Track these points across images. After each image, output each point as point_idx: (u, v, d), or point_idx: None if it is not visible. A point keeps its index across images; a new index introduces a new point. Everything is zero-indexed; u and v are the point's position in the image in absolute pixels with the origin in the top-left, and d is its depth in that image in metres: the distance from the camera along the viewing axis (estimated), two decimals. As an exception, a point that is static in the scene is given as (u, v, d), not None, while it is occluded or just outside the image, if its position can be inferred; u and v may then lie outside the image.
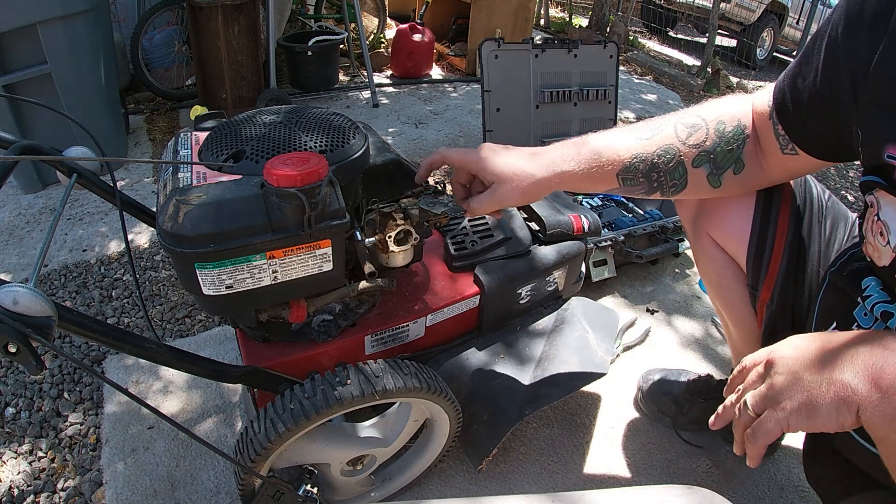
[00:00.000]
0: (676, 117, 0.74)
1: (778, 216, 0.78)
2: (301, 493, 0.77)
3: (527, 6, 3.34)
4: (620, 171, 0.73)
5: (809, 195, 0.81)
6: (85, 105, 1.86)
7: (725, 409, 0.57)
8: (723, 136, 0.72)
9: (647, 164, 0.73)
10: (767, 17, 5.11)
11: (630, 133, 0.75)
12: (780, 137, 0.68)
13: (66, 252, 1.63)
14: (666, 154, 0.73)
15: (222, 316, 1.30)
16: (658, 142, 0.73)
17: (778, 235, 0.78)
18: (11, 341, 0.46)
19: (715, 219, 0.85)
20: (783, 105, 0.66)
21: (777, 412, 0.49)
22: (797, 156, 0.68)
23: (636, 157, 0.73)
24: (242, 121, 0.77)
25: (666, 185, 0.75)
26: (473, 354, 1.00)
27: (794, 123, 0.66)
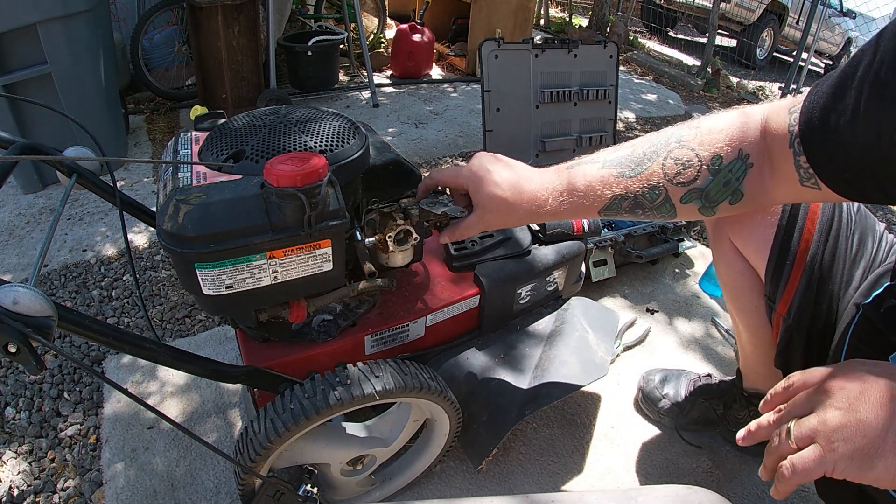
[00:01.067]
0: (667, 149, 0.66)
1: (803, 228, 0.75)
2: (301, 493, 0.77)
3: (527, 6, 3.34)
4: (602, 209, 0.70)
5: (839, 207, 0.77)
6: (85, 105, 1.86)
7: (760, 428, 0.51)
8: (718, 172, 0.64)
9: (631, 202, 0.68)
10: (767, 17, 5.11)
11: (612, 168, 0.68)
12: (802, 171, 0.58)
13: (66, 252, 1.63)
14: (651, 192, 0.67)
15: (222, 316, 1.30)
16: (643, 180, 0.67)
17: (801, 248, 0.75)
18: (11, 341, 0.46)
19: (737, 225, 0.82)
20: (810, 138, 0.56)
21: (826, 453, 0.43)
22: (819, 191, 0.58)
23: (618, 197, 0.68)
24: (242, 121, 0.77)
25: (653, 216, 0.70)
26: (473, 354, 1.00)
27: (822, 161, 0.55)
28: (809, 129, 0.56)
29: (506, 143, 1.79)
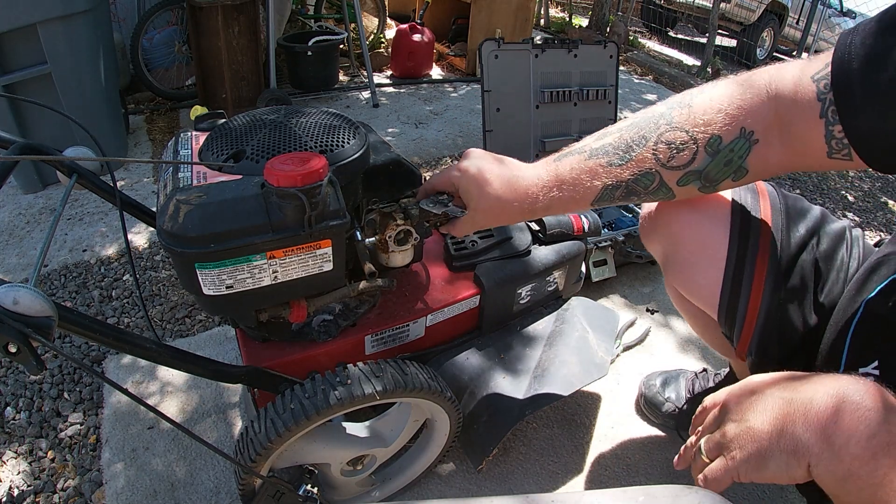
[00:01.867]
0: (656, 132, 0.63)
1: (752, 276, 0.69)
2: (301, 493, 0.77)
3: (527, 6, 3.34)
4: (594, 200, 0.68)
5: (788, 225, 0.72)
6: (85, 105, 1.86)
7: (686, 450, 0.54)
8: (717, 152, 0.60)
9: (623, 190, 0.66)
10: (767, 17, 5.12)
11: (602, 157, 0.65)
12: (835, 142, 0.53)
13: (66, 252, 1.63)
14: (644, 178, 0.64)
15: (222, 316, 1.30)
16: (633, 167, 0.64)
17: (753, 297, 0.69)
18: (12, 341, 0.46)
19: (681, 278, 0.79)
20: (850, 101, 0.50)
21: (728, 461, 0.47)
22: (849, 162, 0.54)
23: (608, 186, 0.66)
24: (242, 121, 0.77)
25: (651, 200, 0.69)
26: (473, 354, 1.00)
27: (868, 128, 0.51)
28: (848, 92, 0.50)
29: (506, 143, 1.79)
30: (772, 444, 0.44)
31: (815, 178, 2.69)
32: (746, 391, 0.49)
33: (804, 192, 2.54)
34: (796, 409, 0.44)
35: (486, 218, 0.73)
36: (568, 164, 0.69)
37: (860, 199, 2.56)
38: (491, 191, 0.71)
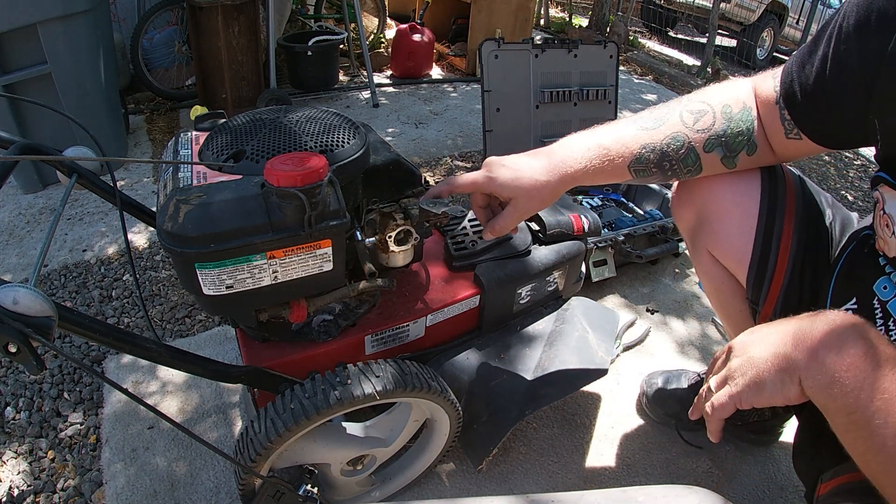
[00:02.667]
0: (681, 105, 0.74)
1: (781, 232, 0.76)
2: (301, 493, 0.77)
3: (527, 6, 3.34)
4: (631, 163, 0.73)
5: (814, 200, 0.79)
6: (85, 105, 1.86)
7: (699, 399, 0.59)
8: (731, 119, 0.72)
9: (657, 153, 0.72)
10: (767, 17, 5.11)
11: (635, 124, 0.74)
12: (786, 122, 0.68)
13: (66, 252, 1.63)
14: (675, 142, 0.72)
15: (222, 316, 1.30)
16: (665, 130, 0.72)
17: (781, 253, 0.76)
18: (12, 341, 0.46)
19: (714, 237, 0.83)
20: (791, 91, 0.66)
21: (731, 387, 0.53)
22: (801, 141, 0.68)
23: (644, 148, 0.72)
24: (242, 121, 0.77)
25: (680, 171, 0.74)
26: (473, 354, 1.00)
27: (800, 111, 0.66)
28: (790, 82, 0.67)
29: (506, 143, 1.79)
30: (768, 367, 0.50)
31: (815, 178, 2.70)
32: (751, 332, 0.56)
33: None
34: (790, 336, 0.51)
35: (529, 203, 0.73)
36: (605, 131, 0.74)
37: (860, 198, 2.56)
38: (527, 173, 0.72)
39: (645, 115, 0.75)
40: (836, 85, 0.60)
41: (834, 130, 0.65)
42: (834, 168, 2.85)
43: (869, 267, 0.64)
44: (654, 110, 0.76)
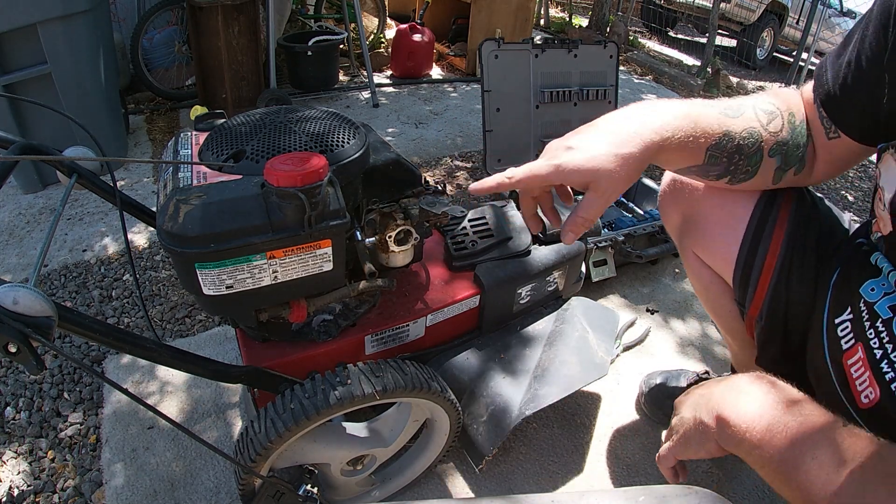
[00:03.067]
0: (752, 101, 0.70)
1: (772, 234, 0.75)
2: (301, 493, 0.77)
3: (527, 6, 3.34)
4: (712, 146, 0.66)
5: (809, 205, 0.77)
6: (85, 105, 1.86)
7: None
8: (794, 128, 0.70)
9: (735, 144, 0.67)
10: (767, 17, 5.11)
11: (715, 108, 0.68)
12: (825, 121, 0.67)
13: (66, 252, 1.63)
14: (750, 137, 0.68)
15: (222, 316, 1.30)
16: (743, 123, 0.68)
17: (769, 256, 0.75)
18: (12, 341, 0.46)
19: (701, 238, 0.83)
20: (825, 88, 0.66)
21: (670, 444, 0.63)
22: (840, 140, 0.67)
23: (726, 135, 0.66)
24: (242, 121, 0.77)
25: (740, 170, 0.70)
26: (473, 354, 1.00)
27: (834, 104, 0.65)
28: (822, 81, 0.67)
29: (506, 143, 1.79)
30: (690, 429, 0.59)
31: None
32: (684, 394, 0.66)
33: (804, 192, 2.54)
34: (704, 400, 0.58)
35: (614, 184, 0.59)
36: (686, 103, 0.66)
37: (860, 199, 2.56)
38: (603, 149, 0.59)
39: (720, 102, 0.70)
40: (868, 74, 0.60)
41: (870, 122, 0.62)
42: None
43: (860, 271, 0.65)
44: (726, 100, 0.70)
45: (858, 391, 0.59)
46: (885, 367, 0.55)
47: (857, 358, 0.59)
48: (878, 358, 0.56)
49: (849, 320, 0.63)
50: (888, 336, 0.56)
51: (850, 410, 0.60)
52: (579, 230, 0.61)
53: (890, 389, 0.54)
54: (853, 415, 0.60)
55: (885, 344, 0.56)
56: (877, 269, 0.63)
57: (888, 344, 0.56)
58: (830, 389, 0.64)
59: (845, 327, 0.63)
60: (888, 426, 0.54)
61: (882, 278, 0.62)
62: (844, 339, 0.62)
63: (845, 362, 0.61)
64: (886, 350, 0.56)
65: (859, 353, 0.59)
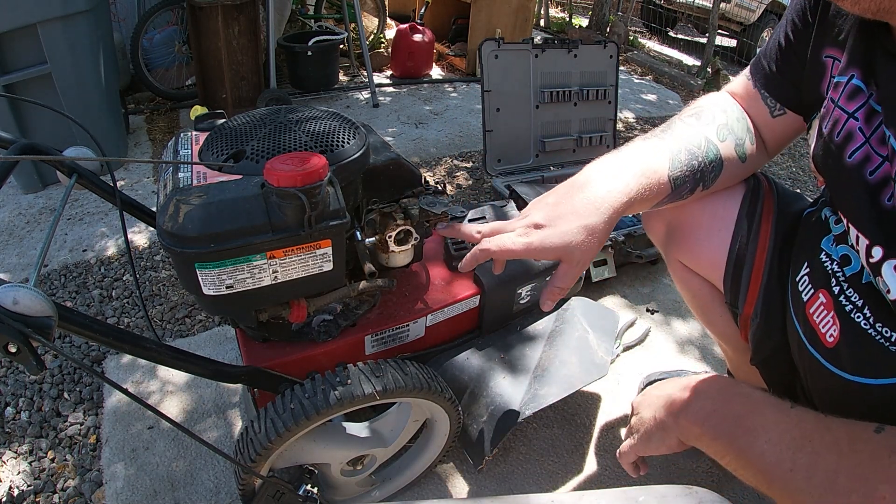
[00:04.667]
0: (675, 117, 0.77)
1: (759, 231, 0.76)
2: (301, 493, 0.77)
3: (527, 6, 3.34)
4: (670, 170, 0.68)
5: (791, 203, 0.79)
6: (85, 105, 1.86)
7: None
8: (725, 110, 0.76)
9: (686, 153, 0.70)
10: (767, 17, 5.10)
11: (648, 141, 0.71)
12: (768, 101, 0.74)
13: (66, 252, 1.63)
14: (693, 140, 0.72)
15: (222, 316, 1.30)
16: (679, 135, 0.72)
17: (759, 252, 0.76)
18: (12, 341, 0.46)
19: (687, 245, 0.83)
20: (761, 70, 0.73)
21: (631, 440, 0.68)
22: (785, 115, 0.73)
23: (672, 150, 0.69)
24: (242, 121, 0.77)
25: (706, 172, 0.72)
26: (473, 354, 1.00)
27: (774, 82, 0.72)
28: (758, 65, 0.74)
29: (506, 143, 1.79)
30: (650, 426, 0.63)
31: (813, 179, 2.69)
32: (641, 395, 0.69)
33: (803, 192, 2.54)
34: (661, 400, 0.62)
35: (586, 255, 0.64)
36: (632, 150, 0.70)
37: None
38: (573, 223, 0.63)
39: (649, 134, 0.74)
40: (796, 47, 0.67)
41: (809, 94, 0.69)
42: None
43: (815, 231, 0.68)
44: (654, 130, 0.74)
45: (823, 332, 0.61)
46: (844, 301, 0.59)
47: (818, 303, 0.63)
48: (837, 294, 0.60)
49: (806, 274, 0.66)
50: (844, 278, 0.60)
51: (818, 356, 0.62)
52: (556, 298, 0.67)
53: (851, 319, 0.58)
54: (820, 360, 0.62)
55: (843, 284, 0.60)
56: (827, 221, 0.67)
57: (844, 283, 0.60)
58: (799, 344, 0.66)
59: (804, 281, 0.66)
60: (854, 357, 0.57)
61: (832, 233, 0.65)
62: (804, 292, 0.66)
63: (808, 311, 0.64)
64: (843, 287, 0.60)
65: (821, 298, 0.62)
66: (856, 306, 0.58)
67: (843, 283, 0.60)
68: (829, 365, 0.61)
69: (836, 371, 0.60)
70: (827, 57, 0.63)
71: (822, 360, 0.62)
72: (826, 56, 0.63)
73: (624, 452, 0.69)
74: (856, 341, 0.57)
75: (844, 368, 0.59)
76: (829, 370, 0.61)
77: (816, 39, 0.65)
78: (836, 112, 0.58)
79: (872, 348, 0.55)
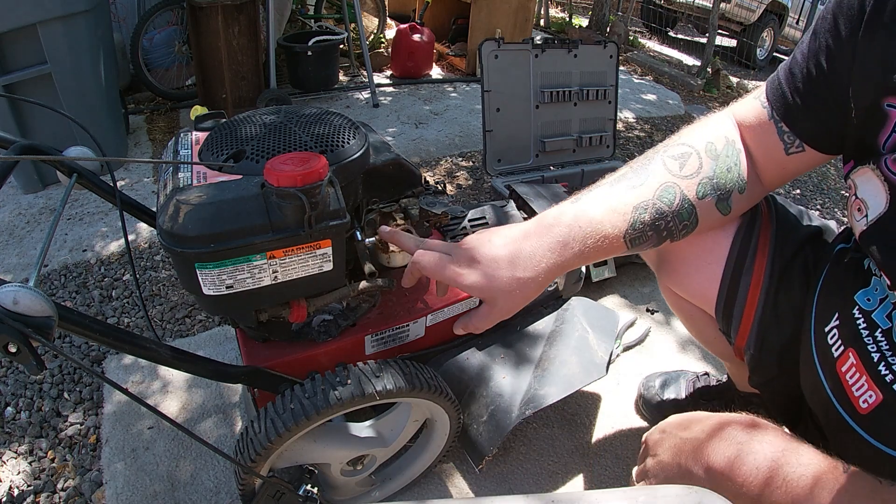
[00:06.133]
0: (660, 153, 0.68)
1: (753, 266, 0.72)
2: (301, 493, 0.77)
3: (527, 6, 3.34)
4: (627, 231, 0.63)
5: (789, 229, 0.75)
6: (85, 105, 1.86)
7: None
8: (717, 156, 0.66)
9: (651, 212, 0.64)
10: (767, 17, 5.11)
11: (619, 185, 0.66)
12: (786, 136, 0.64)
13: (66, 252, 1.63)
14: (666, 194, 0.64)
15: (222, 316, 1.30)
16: (653, 184, 0.65)
17: (752, 286, 0.72)
18: (12, 341, 0.46)
19: (675, 277, 0.81)
20: (783, 100, 0.63)
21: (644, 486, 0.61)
22: (804, 153, 0.64)
23: (637, 209, 0.63)
24: (242, 121, 0.77)
25: (676, 229, 0.67)
26: (473, 354, 1.00)
27: (798, 116, 0.62)
28: (779, 94, 0.63)
29: (506, 143, 1.79)
30: (672, 473, 0.57)
31: (815, 178, 2.70)
32: (659, 431, 0.62)
33: (805, 192, 2.54)
34: (691, 448, 0.56)
35: (510, 304, 0.62)
36: (590, 199, 0.64)
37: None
38: (506, 272, 0.61)
39: (626, 172, 0.67)
40: (827, 80, 0.58)
41: (836, 129, 0.60)
42: (834, 168, 2.85)
43: (848, 280, 0.62)
44: (634, 164, 0.68)
45: (856, 396, 0.57)
46: (884, 370, 0.54)
47: (850, 364, 0.57)
48: (876, 361, 0.55)
49: (836, 326, 0.61)
50: (888, 344, 0.54)
51: (847, 419, 0.58)
52: (468, 331, 0.68)
53: (892, 390, 0.53)
54: (850, 423, 0.58)
55: (884, 349, 0.55)
56: (869, 274, 0.61)
57: (887, 350, 0.54)
58: (824, 399, 0.62)
59: (833, 334, 0.61)
60: (893, 428, 0.53)
61: (873, 286, 0.60)
62: (834, 347, 0.60)
63: (839, 369, 0.59)
64: (884, 354, 0.54)
65: (851, 359, 0.57)
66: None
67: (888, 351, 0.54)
68: (862, 432, 0.57)
69: (869, 439, 0.56)
70: (891, 107, 0.52)
71: (854, 424, 0.58)
72: (890, 105, 0.52)
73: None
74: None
75: (881, 440, 0.54)
76: (860, 435, 0.57)
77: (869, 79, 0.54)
78: None
79: None
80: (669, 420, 0.62)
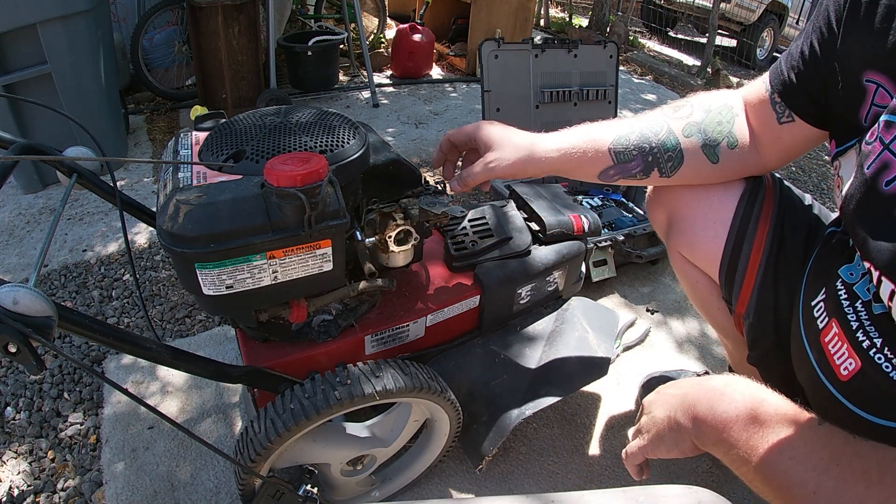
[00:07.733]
0: (661, 107, 0.80)
1: (755, 234, 0.76)
2: (301, 493, 0.77)
3: (527, 6, 3.34)
4: (612, 143, 0.75)
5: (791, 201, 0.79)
6: (85, 105, 1.86)
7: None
8: (710, 110, 0.75)
9: (638, 134, 0.75)
10: (767, 17, 5.10)
11: (612, 120, 0.80)
12: (777, 106, 0.70)
13: (66, 252, 1.63)
14: (654, 125, 0.75)
15: (222, 316, 1.30)
16: (645, 119, 0.77)
17: (753, 253, 0.76)
18: (11, 341, 0.46)
19: (684, 238, 0.84)
20: (780, 77, 0.69)
21: (640, 440, 0.65)
22: (794, 123, 0.70)
23: (626, 127, 0.76)
24: (242, 121, 0.77)
25: (661, 159, 0.75)
26: (473, 354, 1.00)
27: (790, 89, 0.68)
28: (777, 72, 0.70)
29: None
30: (663, 428, 0.61)
31: (815, 178, 2.70)
32: (655, 394, 0.67)
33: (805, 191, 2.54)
34: (678, 401, 0.60)
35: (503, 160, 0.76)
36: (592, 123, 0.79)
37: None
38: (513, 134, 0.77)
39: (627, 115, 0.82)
40: (816, 57, 0.64)
41: (822, 103, 0.65)
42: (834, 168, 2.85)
43: (835, 257, 0.66)
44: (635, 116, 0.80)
45: (837, 364, 0.59)
46: (862, 337, 0.56)
47: (833, 334, 0.60)
48: (855, 329, 0.57)
49: (822, 300, 0.64)
50: (867, 314, 0.56)
51: (829, 387, 0.60)
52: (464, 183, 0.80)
53: (869, 356, 0.55)
54: (832, 391, 0.60)
55: (863, 319, 0.57)
56: (853, 251, 0.63)
57: (866, 319, 0.56)
58: (810, 372, 0.64)
59: (819, 307, 0.64)
60: (870, 394, 0.55)
61: (856, 262, 0.62)
62: (819, 319, 0.63)
63: (822, 340, 0.62)
64: (863, 323, 0.57)
65: (834, 329, 0.60)
66: (874, 345, 0.54)
67: (866, 320, 0.56)
68: (843, 398, 0.59)
69: (850, 406, 0.58)
70: (869, 82, 0.56)
71: (836, 392, 0.60)
72: (868, 80, 0.56)
73: (631, 454, 0.66)
74: (874, 381, 0.54)
75: (859, 405, 0.57)
76: (841, 403, 0.59)
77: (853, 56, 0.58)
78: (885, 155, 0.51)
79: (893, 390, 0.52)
80: (661, 387, 0.67)
